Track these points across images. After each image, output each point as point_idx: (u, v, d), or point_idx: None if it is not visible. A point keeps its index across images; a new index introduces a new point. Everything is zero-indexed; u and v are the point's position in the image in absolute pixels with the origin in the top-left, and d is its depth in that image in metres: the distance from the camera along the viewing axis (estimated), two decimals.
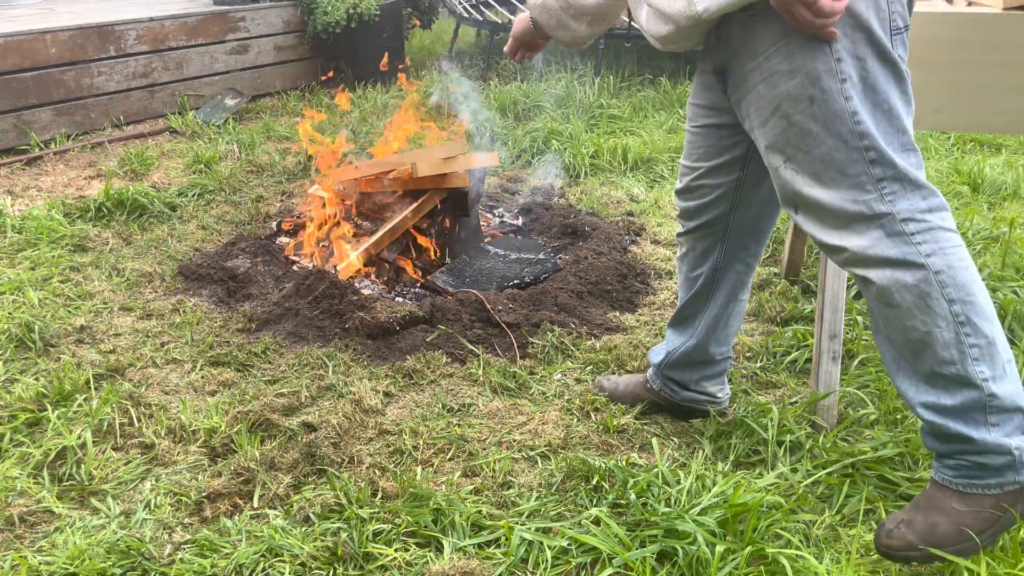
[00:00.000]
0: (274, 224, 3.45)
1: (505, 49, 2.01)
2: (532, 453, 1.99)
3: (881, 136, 1.45)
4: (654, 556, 1.58)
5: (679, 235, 1.97)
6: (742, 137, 1.73)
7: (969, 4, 2.20)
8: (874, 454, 1.89)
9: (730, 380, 2.27)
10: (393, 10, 5.86)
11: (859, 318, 2.49)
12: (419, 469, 1.93)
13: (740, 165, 1.79)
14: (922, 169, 1.50)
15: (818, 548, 1.66)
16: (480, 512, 1.76)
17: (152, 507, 1.82)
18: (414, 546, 1.68)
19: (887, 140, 1.45)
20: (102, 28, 4.65)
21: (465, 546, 1.66)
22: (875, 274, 1.48)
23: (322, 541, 1.68)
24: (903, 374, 1.54)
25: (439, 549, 1.66)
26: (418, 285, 2.96)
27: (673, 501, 1.73)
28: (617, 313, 2.73)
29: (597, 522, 1.69)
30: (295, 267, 3.07)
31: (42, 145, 4.38)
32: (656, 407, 2.13)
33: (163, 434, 2.05)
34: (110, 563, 1.62)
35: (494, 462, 1.95)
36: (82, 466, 1.92)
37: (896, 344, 1.53)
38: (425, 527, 1.71)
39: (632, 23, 5.74)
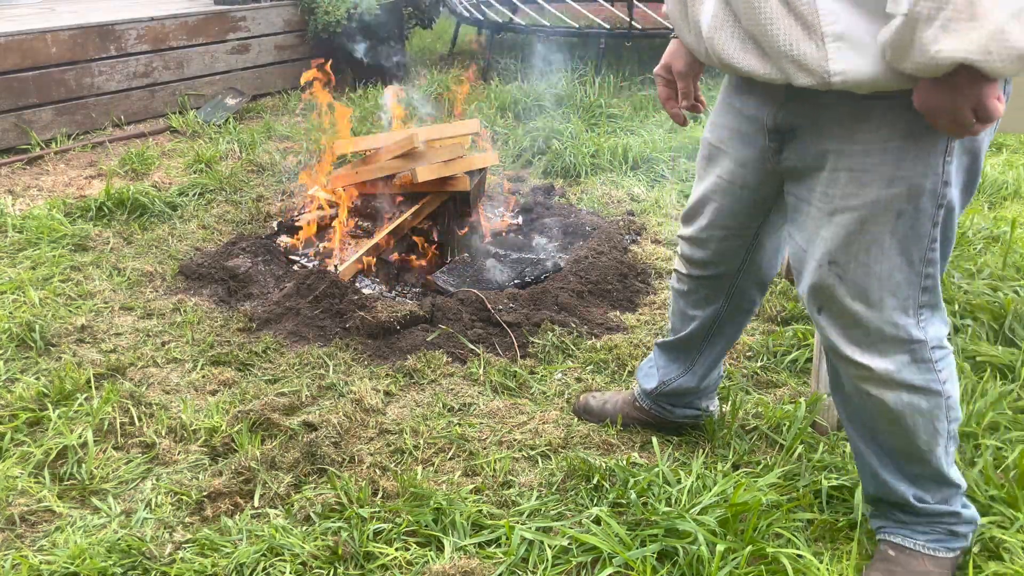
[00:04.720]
0: (275, 224, 3.45)
1: None
2: (532, 452, 1.99)
3: (941, 264, 1.38)
4: (654, 555, 1.59)
5: (680, 273, 1.80)
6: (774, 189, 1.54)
7: None
8: None
9: (730, 378, 2.27)
10: (393, 10, 5.86)
11: None
12: (420, 468, 1.93)
13: (763, 214, 1.62)
14: None
15: (818, 547, 1.67)
16: (481, 511, 1.76)
17: (153, 506, 1.82)
18: (415, 545, 1.68)
19: (942, 267, 1.39)
20: (103, 28, 4.65)
21: (466, 545, 1.67)
22: (891, 396, 1.44)
23: (323, 540, 1.68)
24: (888, 471, 1.56)
25: (440, 548, 1.67)
26: (419, 285, 2.96)
27: (674, 500, 1.73)
28: (617, 312, 2.73)
29: (598, 521, 1.69)
30: (295, 267, 3.08)
31: (43, 145, 4.39)
32: (644, 423, 2.05)
33: (164, 433, 2.06)
34: (111, 562, 1.62)
35: (494, 461, 1.95)
36: (83, 465, 1.92)
37: (888, 448, 1.54)
38: (426, 526, 1.71)
39: (632, 22, 5.73)
